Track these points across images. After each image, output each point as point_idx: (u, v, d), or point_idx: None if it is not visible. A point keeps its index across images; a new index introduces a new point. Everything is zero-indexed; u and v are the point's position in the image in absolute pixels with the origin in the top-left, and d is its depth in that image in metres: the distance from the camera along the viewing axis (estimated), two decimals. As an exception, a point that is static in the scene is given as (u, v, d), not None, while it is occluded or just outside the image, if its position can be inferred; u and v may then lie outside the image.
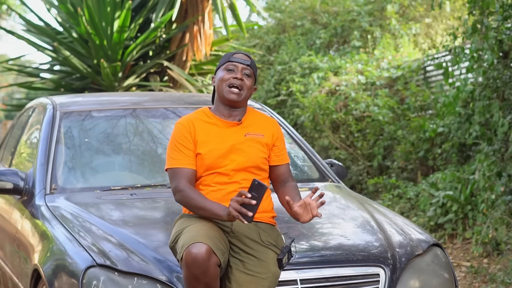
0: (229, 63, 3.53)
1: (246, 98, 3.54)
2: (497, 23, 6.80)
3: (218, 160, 3.47)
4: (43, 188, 4.32)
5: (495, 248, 6.76)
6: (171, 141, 3.52)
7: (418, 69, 10.39)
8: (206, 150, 3.48)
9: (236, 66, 3.52)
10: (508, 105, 6.90)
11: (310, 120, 10.54)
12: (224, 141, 3.50)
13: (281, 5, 13.96)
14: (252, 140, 3.53)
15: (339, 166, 5.07)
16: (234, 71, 3.52)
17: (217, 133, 3.52)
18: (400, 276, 3.65)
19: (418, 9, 12.60)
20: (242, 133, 3.53)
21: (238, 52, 3.60)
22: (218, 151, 3.48)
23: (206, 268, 3.19)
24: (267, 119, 3.65)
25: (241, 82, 3.50)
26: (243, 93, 3.51)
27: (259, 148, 3.53)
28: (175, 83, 9.25)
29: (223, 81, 3.51)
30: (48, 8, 9.84)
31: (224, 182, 3.47)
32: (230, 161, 3.47)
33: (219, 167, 3.47)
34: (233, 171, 3.47)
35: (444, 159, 8.81)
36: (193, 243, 3.19)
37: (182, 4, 8.94)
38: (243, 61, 3.53)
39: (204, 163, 3.48)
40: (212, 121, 3.55)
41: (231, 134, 3.52)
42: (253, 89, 3.57)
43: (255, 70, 3.58)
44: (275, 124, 3.64)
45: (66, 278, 3.55)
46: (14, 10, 10.90)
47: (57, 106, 4.91)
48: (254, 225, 3.43)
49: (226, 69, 3.53)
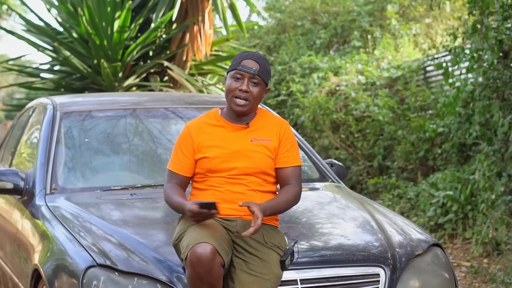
0: (236, 72, 3.46)
1: (255, 105, 3.49)
2: (497, 23, 6.80)
3: (222, 164, 3.46)
4: (43, 188, 4.32)
5: (495, 248, 6.76)
6: (177, 141, 3.57)
7: (418, 69, 10.39)
8: (211, 155, 3.46)
9: (242, 75, 3.45)
10: (508, 105, 6.91)
11: (310, 120, 10.54)
12: (230, 145, 3.48)
13: (281, 5, 13.97)
14: (259, 146, 3.49)
15: (339, 166, 5.07)
16: (241, 81, 3.45)
17: (223, 137, 3.49)
18: (400, 276, 3.65)
19: (418, 9, 12.60)
20: (249, 138, 3.50)
21: (248, 56, 3.48)
22: (223, 156, 3.46)
23: (210, 268, 3.20)
24: (276, 121, 3.58)
25: (246, 95, 3.44)
26: (249, 103, 3.46)
27: (265, 154, 3.49)
28: (175, 83, 9.25)
29: (230, 91, 3.46)
30: (48, 8, 9.84)
31: (229, 183, 3.46)
32: (235, 166, 3.46)
33: (223, 171, 3.46)
34: (238, 175, 3.46)
35: (444, 159, 8.82)
36: (198, 243, 3.20)
37: (182, 4, 8.94)
38: (250, 70, 3.44)
39: (209, 167, 3.47)
40: (219, 123, 3.53)
41: (237, 139, 3.49)
42: (265, 91, 3.51)
43: (267, 74, 3.48)
44: (282, 126, 3.56)
45: (66, 278, 3.55)
46: (14, 10, 10.90)
47: (57, 106, 4.91)
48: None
49: (233, 77, 3.47)
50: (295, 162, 3.54)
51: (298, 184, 3.53)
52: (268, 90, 3.54)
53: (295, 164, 3.54)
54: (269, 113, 3.63)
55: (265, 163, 3.49)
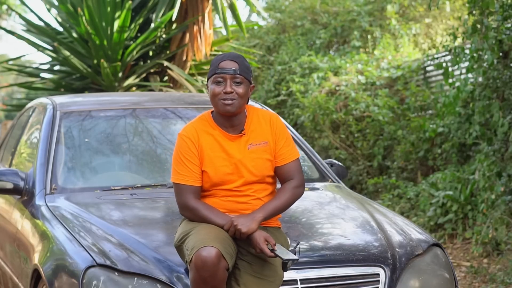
0: (216, 76, 3.42)
1: (243, 104, 3.45)
2: (497, 23, 6.80)
3: (225, 177, 3.44)
4: (43, 188, 4.32)
5: (495, 248, 6.76)
6: (176, 153, 3.46)
7: (418, 69, 10.39)
8: (213, 169, 3.43)
9: (223, 77, 3.41)
10: (508, 105, 6.91)
11: (310, 120, 10.54)
12: (230, 157, 3.45)
13: (281, 5, 13.97)
14: (256, 152, 3.47)
15: (339, 166, 5.07)
16: (223, 84, 3.41)
17: (222, 149, 3.46)
18: (400, 276, 3.66)
19: (418, 9, 12.60)
20: (246, 145, 3.47)
21: (225, 58, 3.44)
22: (225, 169, 3.44)
23: (215, 271, 3.19)
24: (266, 117, 3.53)
25: (232, 95, 3.40)
26: (236, 102, 3.41)
27: (264, 158, 3.48)
28: (175, 83, 9.25)
29: (214, 95, 3.42)
30: (48, 8, 9.84)
31: (234, 195, 3.45)
32: (238, 177, 3.44)
33: (227, 183, 3.45)
34: (242, 186, 3.45)
35: (444, 159, 8.82)
36: (203, 246, 3.19)
37: (182, 4, 8.94)
38: (229, 70, 3.40)
39: (212, 181, 3.44)
40: (215, 133, 3.47)
41: (235, 149, 3.46)
42: (251, 89, 3.48)
43: (247, 71, 3.44)
44: (272, 121, 3.52)
45: (66, 278, 3.55)
46: (14, 10, 10.89)
47: (57, 106, 4.91)
48: (263, 229, 3.42)
49: (215, 82, 3.42)
50: (293, 156, 3.52)
51: (300, 177, 3.51)
52: (253, 87, 3.51)
53: (293, 158, 3.52)
54: (257, 109, 3.57)
55: (266, 167, 3.48)
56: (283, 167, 3.51)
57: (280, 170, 3.51)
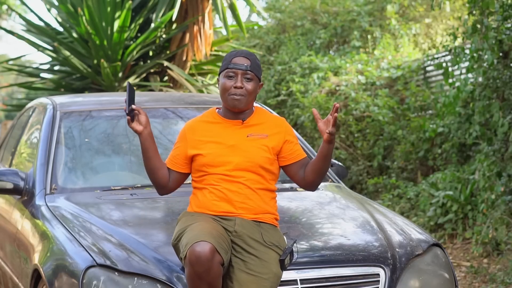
0: (229, 70, 3.51)
1: (251, 101, 3.53)
2: (497, 23, 6.80)
3: (218, 159, 3.48)
4: (43, 188, 4.32)
5: (495, 248, 6.77)
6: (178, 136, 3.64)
7: (418, 69, 10.40)
8: (206, 151, 3.49)
9: (235, 72, 3.50)
10: (508, 105, 6.91)
11: (310, 120, 10.54)
12: (225, 140, 3.51)
13: (281, 5, 13.97)
14: (254, 141, 3.52)
15: (339, 166, 5.07)
16: (234, 79, 3.50)
17: (218, 133, 3.52)
18: (400, 276, 3.65)
19: (418, 9, 12.60)
20: (245, 134, 3.53)
21: (238, 54, 3.55)
22: (218, 151, 3.48)
23: (209, 267, 3.20)
24: (275, 119, 3.62)
25: (241, 91, 3.49)
26: (245, 99, 3.50)
27: (261, 148, 3.51)
28: (175, 83, 9.25)
29: (225, 90, 3.51)
30: (48, 8, 9.84)
31: (226, 181, 3.47)
32: (230, 161, 3.48)
33: (219, 165, 3.47)
34: (234, 171, 3.47)
35: (444, 159, 8.82)
36: (197, 241, 3.20)
37: (182, 4, 8.94)
38: (241, 66, 3.50)
39: (205, 162, 3.49)
40: (216, 120, 3.57)
41: (232, 134, 3.52)
42: (259, 87, 3.57)
43: (258, 69, 3.54)
44: (283, 124, 3.61)
45: (66, 278, 3.55)
46: (14, 10, 10.90)
47: (57, 106, 4.91)
48: (257, 225, 3.44)
49: (226, 76, 3.52)
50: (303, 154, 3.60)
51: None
52: (261, 86, 3.60)
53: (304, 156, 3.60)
54: (265, 111, 3.66)
55: (261, 157, 3.50)
56: (298, 162, 3.55)
57: (295, 165, 3.55)
